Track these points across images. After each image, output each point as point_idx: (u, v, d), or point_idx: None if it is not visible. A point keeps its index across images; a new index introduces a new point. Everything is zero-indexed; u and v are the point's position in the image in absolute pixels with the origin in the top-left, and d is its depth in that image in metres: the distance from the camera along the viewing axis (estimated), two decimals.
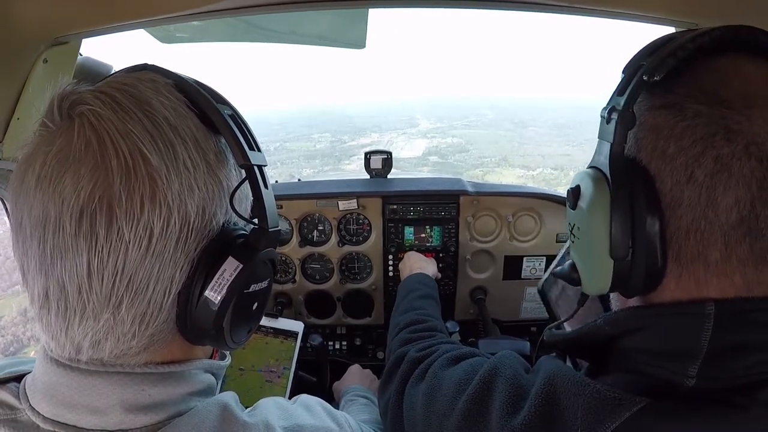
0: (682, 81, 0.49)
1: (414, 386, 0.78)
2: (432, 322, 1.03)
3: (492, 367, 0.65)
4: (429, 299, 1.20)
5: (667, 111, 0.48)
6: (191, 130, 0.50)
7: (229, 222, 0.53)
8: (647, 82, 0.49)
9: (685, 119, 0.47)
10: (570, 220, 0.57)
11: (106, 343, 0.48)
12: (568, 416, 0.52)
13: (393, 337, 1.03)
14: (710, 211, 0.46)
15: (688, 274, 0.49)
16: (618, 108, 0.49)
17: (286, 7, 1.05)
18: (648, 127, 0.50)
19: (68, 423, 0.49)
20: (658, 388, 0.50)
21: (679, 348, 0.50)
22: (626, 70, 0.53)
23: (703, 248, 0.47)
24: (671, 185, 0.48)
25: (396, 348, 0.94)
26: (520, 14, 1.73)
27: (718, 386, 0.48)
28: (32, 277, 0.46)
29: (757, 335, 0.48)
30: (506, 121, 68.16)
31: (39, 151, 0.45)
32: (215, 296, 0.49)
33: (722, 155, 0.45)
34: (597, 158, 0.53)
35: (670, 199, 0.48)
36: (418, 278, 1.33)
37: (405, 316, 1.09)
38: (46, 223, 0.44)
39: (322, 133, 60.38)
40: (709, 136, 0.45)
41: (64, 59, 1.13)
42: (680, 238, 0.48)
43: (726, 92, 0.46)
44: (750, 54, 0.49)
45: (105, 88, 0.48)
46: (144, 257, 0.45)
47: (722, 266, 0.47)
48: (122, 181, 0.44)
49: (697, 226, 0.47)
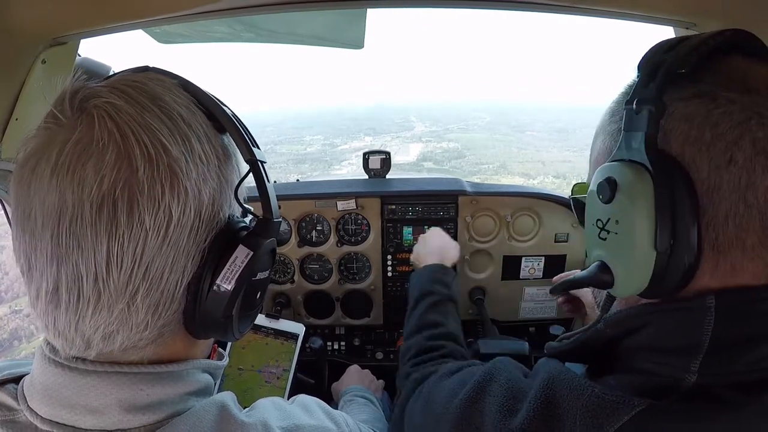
0: (709, 73, 0.50)
1: (414, 401, 0.79)
2: (446, 348, 0.98)
3: (486, 372, 0.65)
4: (445, 306, 1.11)
5: (699, 100, 0.49)
6: (202, 127, 0.52)
7: (233, 215, 0.55)
8: (674, 74, 0.49)
9: (719, 107, 0.47)
10: (601, 216, 0.54)
11: (117, 335, 0.48)
12: (567, 419, 0.52)
13: (404, 363, 0.98)
14: (750, 194, 0.46)
15: (726, 261, 0.49)
16: (650, 98, 0.49)
17: (285, 8, 1.06)
18: (679, 117, 0.49)
19: (66, 423, 0.49)
20: (659, 386, 0.50)
21: (681, 343, 0.50)
22: (644, 67, 0.53)
23: (742, 232, 0.47)
24: (708, 171, 0.47)
25: (404, 379, 0.91)
26: (518, 15, 1.74)
27: (720, 383, 0.48)
28: (40, 271, 0.46)
29: (764, 326, 0.47)
30: (503, 124, 68.14)
31: (53, 142, 0.45)
32: (227, 283, 0.51)
33: (758, 138, 0.46)
34: (626, 151, 0.52)
35: (708, 186, 0.47)
36: (435, 274, 1.19)
37: (417, 338, 1.02)
38: (62, 212, 0.44)
39: (314, 135, 60.16)
40: (746, 121, 0.46)
41: (63, 60, 1.13)
42: (718, 224, 0.48)
43: (751, 82, 0.48)
44: (752, 55, 0.51)
45: (117, 84, 0.49)
46: (161, 246, 0.46)
47: (759, 250, 0.48)
48: (145, 170, 0.45)
49: (736, 211, 0.47)
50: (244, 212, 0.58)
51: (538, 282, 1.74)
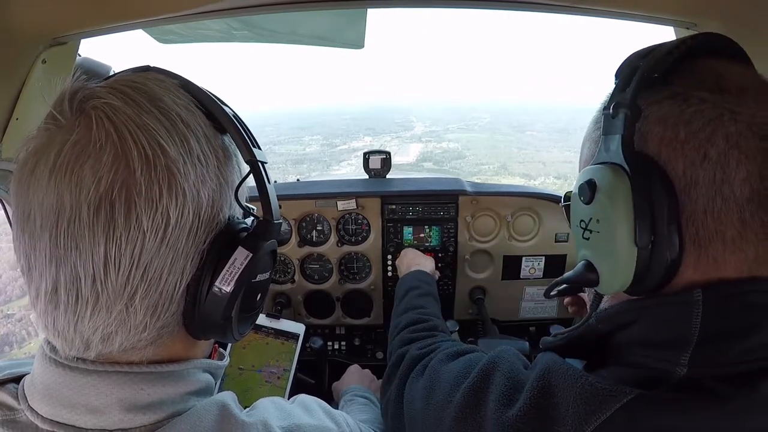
0: (681, 75, 0.52)
1: (414, 382, 0.79)
2: (433, 321, 1.03)
3: (490, 360, 0.65)
4: (428, 297, 1.20)
5: (671, 101, 0.51)
6: (201, 127, 0.52)
7: (233, 216, 0.55)
8: (648, 78, 0.51)
9: (692, 106, 0.49)
10: (583, 216, 0.57)
11: (116, 336, 0.48)
12: (560, 408, 0.53)
13: (394, 336, 1.04)
14: (726, 188, 0.48)
15: (707, 255, 0.50)
16: (624, 102, 0.51)
17: (285, 7, 1.06)
18: (654, 119, 0.52)
19: (67, 423, 0.49)
20: (650, 379, 0.51)
21: (671, 337, 0.51)
22: (621, 72, 0.55)
23: (721, 226, 0.48)
24: (684, 168, 0.49)
25: (397, 348, 0.95)
26: (518, 15, 1.74)
27: (709, 375, 0.49)
28: (39, 271, 0.46)
29: (751, 318, 0.48)
30: (504, 124, 67.97)
31: (52, 143, 0.45)
32: (226, 285, 0.51)
33: (731, 133, 0.47)
34: (605, 154, 0.54)
35: (684, 182, 0.49)
36: (417, 275, 1.32)
37: (405, 315, 1.09)
38: (60, 213, 0.44)
39: (313, 135, 59.86)
40: (718, 118, 0.48)
41: (63, 59, 1.13)
42: (697, 219, 0.49)
43: (722, 82, 0.50)
44: (726, 57, 0.55)
45: (116, 84, 0.49)
46: (159, 247, 0.46)
47: (739, 242, 0.49)
48: (143, 171, 0.45)
49: (714, 205, 0.48)
50: (246, 213, 0.57)
51: (539, 282, 1.74)
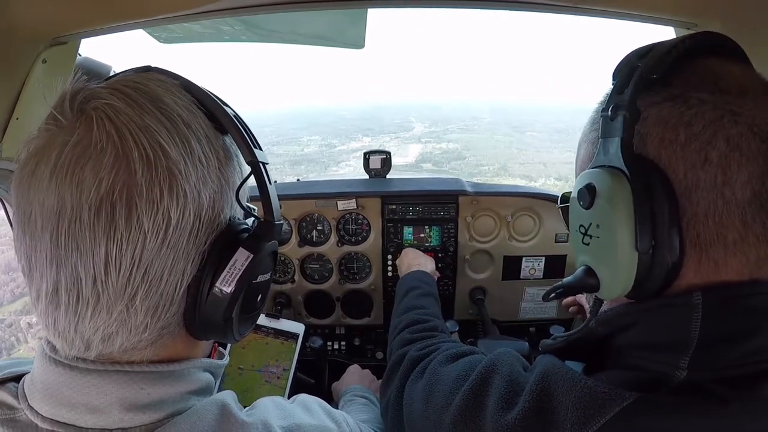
0: (680, 76, 0.51)
1: (413, 383, 0.79)
2: (433, 321, 1.03)
3: (490, 363, 0.65)
4: (429, 297, 1.20)
5: (671, 103, 0.50)
6: (202, 128, 0.52)
7: (234, 217, 0.55)
8: (647, 79, 0.50)
9: (692, 107, 0.49)
10: (583, 221, 0.55)
11: (117, 337, 0.48)
12: (559, 412, 0.53)
13: (394, 337, 1.03)
14: (727, 190, 0.47)
15: (708, 258, 0.49)
16: (623, 104, 0.50)
17: (285, 7, 1.06)
18: (653, 121, 0.51)
19: (67, 422, 0.49)
20: (650, 382, 0.50)
21: (671, 340, 0.50)
22: (619, 73, 0.54)
23: (722, 229, 0.48)
24: (685, 171, 0.48)
25: (397, 348, 0.95)
26: (519, 15, 1.74)
27: (709, 378, 0.48)
28: (40, 272, 0.46)
29: (751, 321, 0.48)
30: (504, 124, 67.87)
31: (53, 144, 0.45)
32: (226, 286, 0.51)
33: (732, 135, 0.47)
34: (604, 157, 0.53)
35: (685, 185, 0.48)
36: (417, 276, 1.32)
37: (406, 315, 1.08)
38: (61, 214, 0.44)
39: (311, 136, 59.66)
40: (718, 119, 0.47)
41: (64, 59, 1.13)
42: (698, 223, 0.48)
43: (722, 83, 0.49)
44: (725, 56, 0.53)
45: (117, 85, 0.49)
46: (160, 248, 0.46)
47: (740, 245, 0.48)
48: (144, 172, 0.45)
49: (715, 208, 0.48)
50: (247, 214, 0.57)
51: (539, 282, 1.74)
